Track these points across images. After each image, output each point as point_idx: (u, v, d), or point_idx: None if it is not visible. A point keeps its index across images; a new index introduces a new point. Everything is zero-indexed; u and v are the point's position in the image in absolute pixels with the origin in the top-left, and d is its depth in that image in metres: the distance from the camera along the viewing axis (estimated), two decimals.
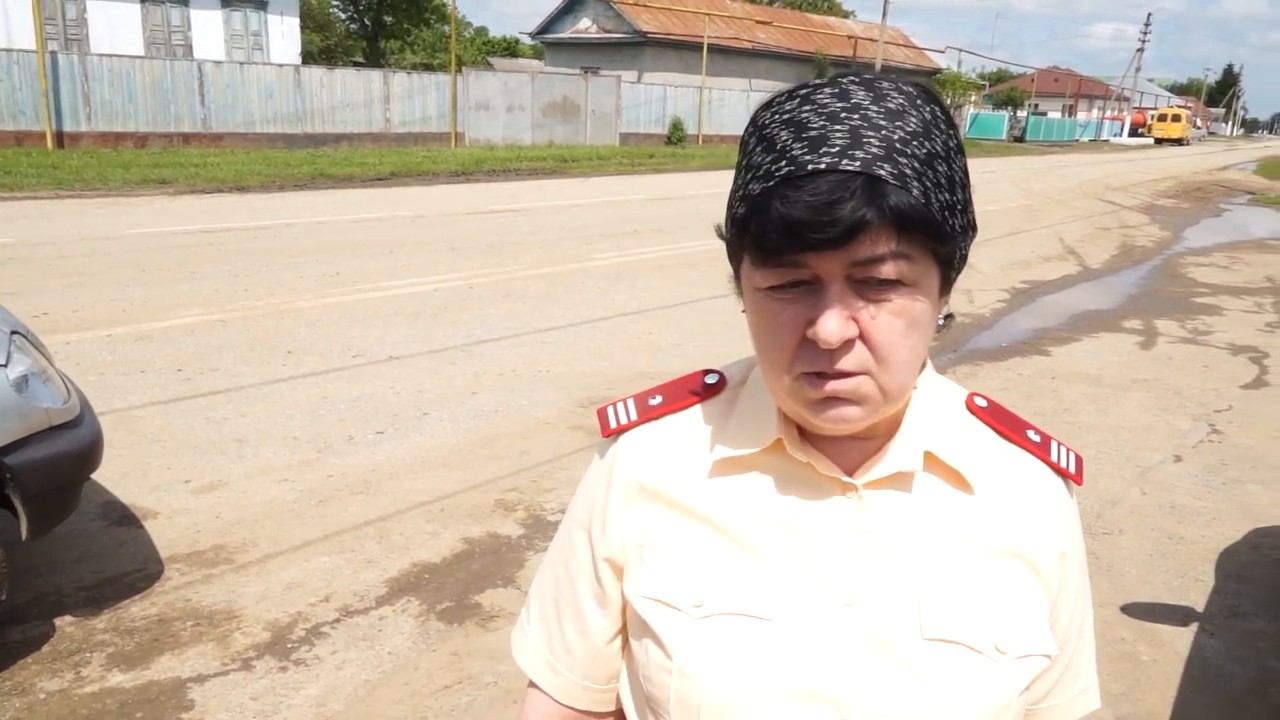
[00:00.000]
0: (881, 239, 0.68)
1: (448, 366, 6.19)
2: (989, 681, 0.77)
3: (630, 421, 0.88)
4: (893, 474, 0.79)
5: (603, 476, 0.89)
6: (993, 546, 0.81)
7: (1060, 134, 61.66)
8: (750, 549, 0.80)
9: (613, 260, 10.32)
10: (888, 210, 0.66)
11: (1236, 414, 6.01)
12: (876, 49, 39.50)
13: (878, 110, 0.69)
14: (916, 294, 0.71)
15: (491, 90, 27.16)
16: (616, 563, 0.86)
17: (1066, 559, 0.84)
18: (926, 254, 0.70)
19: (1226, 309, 9.50)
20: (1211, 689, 3.09)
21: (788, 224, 0.67)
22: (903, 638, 0.77)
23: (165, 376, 5.70)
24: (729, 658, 0.77)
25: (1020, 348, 7.49)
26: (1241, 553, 4.07)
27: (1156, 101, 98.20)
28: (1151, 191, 24.28)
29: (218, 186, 15.37)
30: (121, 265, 8.73)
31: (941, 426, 0.82)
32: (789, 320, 0.72)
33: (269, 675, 2.93)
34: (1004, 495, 0.83)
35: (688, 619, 0.79)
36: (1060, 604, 0.85)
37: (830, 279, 0.70)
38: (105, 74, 19.67)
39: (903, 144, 0.68)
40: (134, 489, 4.19)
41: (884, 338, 0.71)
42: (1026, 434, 0.86)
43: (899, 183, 0.67)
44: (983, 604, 0.79)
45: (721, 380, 0.89)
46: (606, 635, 0.89)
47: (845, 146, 0.67)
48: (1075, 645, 0.88)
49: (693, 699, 0.78)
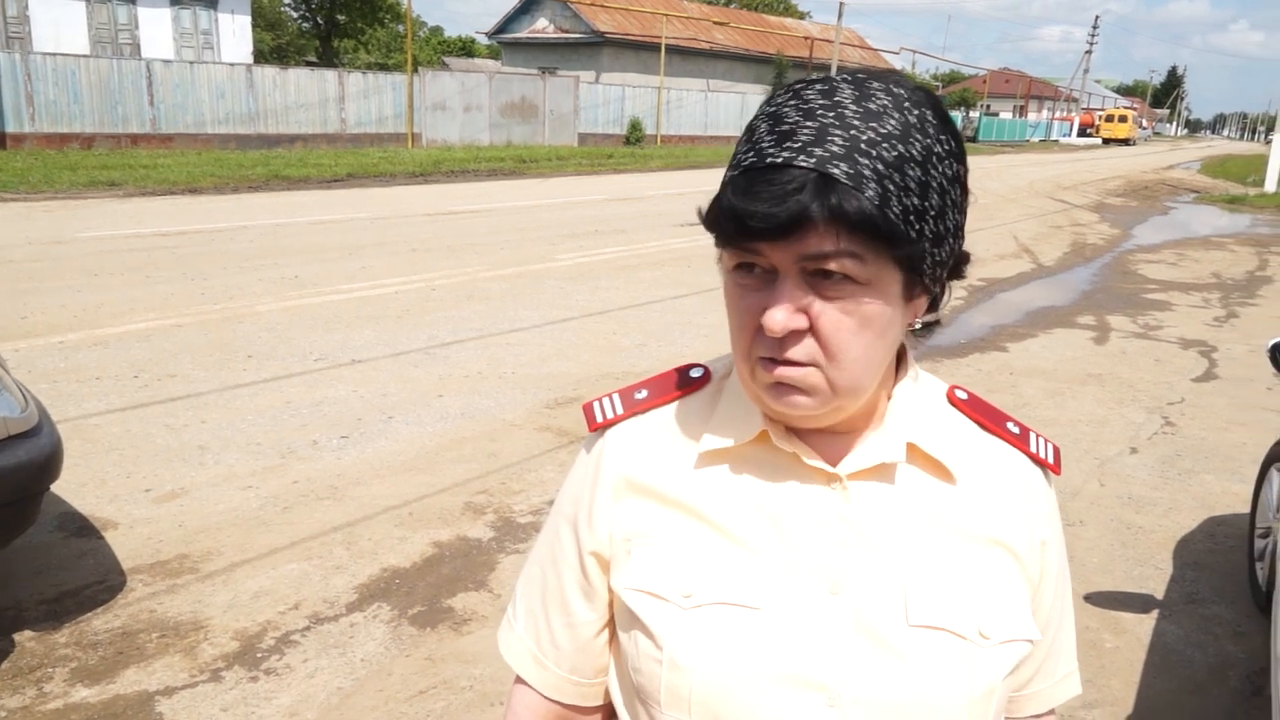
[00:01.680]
0: (828, 236, 0.69)
1: (412, 369, 6.14)
2: (974, 666, 0.79)
3: (616, 416, 0.89)
4: (876, 465, 0.81)
5: (589, 471, 0.89)
6: (975, 535, 0.83)
7: (1012, 134, 62.72)
8: (737, 539, 0.81)
9: (575, 261, 10.30)
10: (828, 208, 0.68)
11: (1188, 406, 6.17)
12: (832, 50, 39.84)
13: (856, 110, 0.70)
14: (869, 294, 0.72)
15: (448, 90, 26.98)
16: (603, 556, 0.87)
17: (1047, 547, 0.87)
18: (882, 256, 0.71)
19: (1176, 304, 9.73)
20: (1173, 674, 3.17)
21: (735, 212, 0.70)
22: (889, 625, 0.78)
23: (121, 383, 5.58)
24: (718, 647, 0.78)
25: (979, 344, 7.61)
26: (1198, 541, 4.18)
27: (1104, 102, 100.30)
28: (1101, 190, 24.79)
29: (170, 188, 15.09)
30: (72, 270, 8.54)
31: (924, 419, 0.84)
32: (749, 305, 0.74)
33: (239, 685, 2.89)
34: (985, 485, 0.84)
35: (677, 609, 0.80)
36: (1042, 592, 0.87)
37: (784, 270, 0.72)
38: (49, 73, 19.23)
39: (870, 145, 0.69)
40: (92, 499, 4.10)
41: (832, 333, 0.73)
42: (1006, 425, 0.88)
43: (852, 183, 0.68)
44: (966, 591, 0.80)
45: (706, 374, 0.90)
46: (593, 629, 0.90)
47: (807, 143, 0.69)
48: (1056, 632, 0.91)
49: (683, 689, 0.79)
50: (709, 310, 8.18)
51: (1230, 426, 5.77)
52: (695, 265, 10.37)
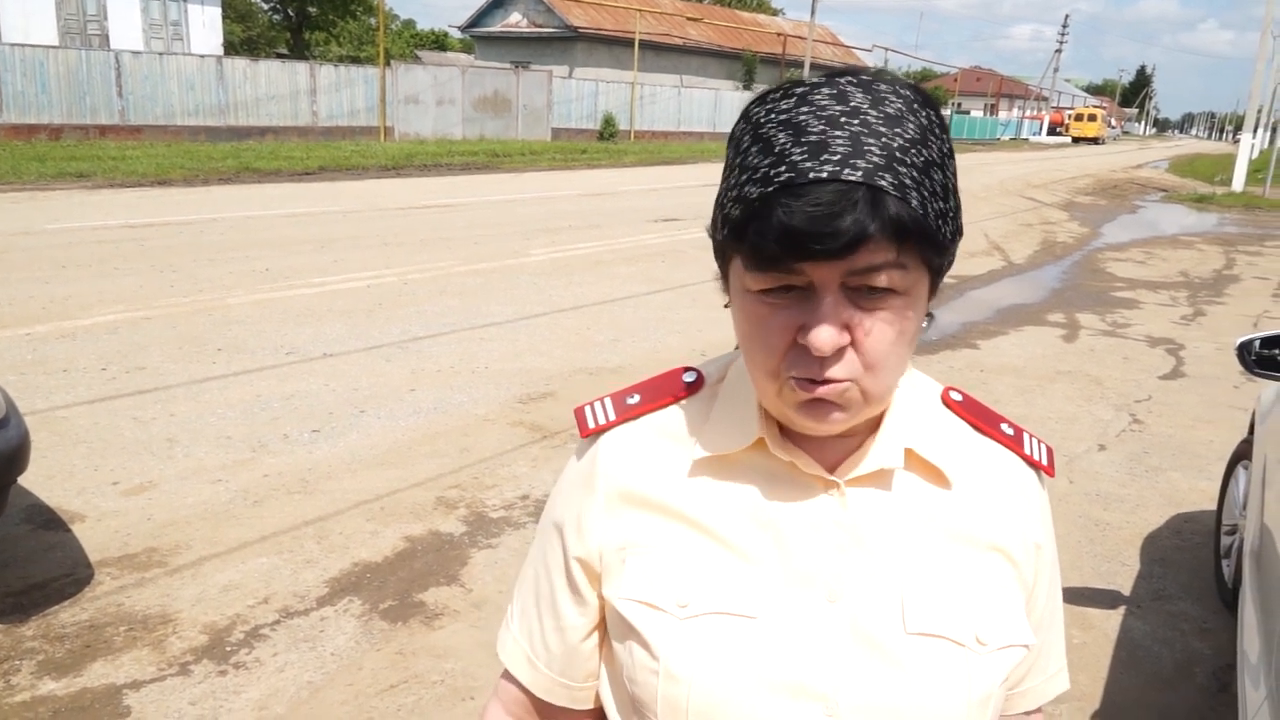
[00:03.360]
0: (881, 250, 0.67)
1: (384, 363, 6.10)
2: (972, 673, 0.79)
3: (609, 422, 0.87)
4: (874, 471, 0.80)
5: (582, 478, 0.88)
6: (972, 540, 0.82)
7: (982, 132, 63.32)
8: (734, 548, 0.80)
9: (549, 256, 10.27)
10: (889, 222, 0.66)
11: (1156, 404, 6.25)
12: (805, 47, 39.99)
13: (877, 115, 0.68)
14: (909, 303, 0.72)
15: (421, 84, 26.80)
16: (591, 565, 0.86)
17: (1041, 550, 0.86)
18: (920, 263, 0.71)
19: (1144, 302, 9.86)
20: (1140, 669, 3.21)
21: (789, 233, 0.66)
22: (887, 632, 0.78)
23: (90, 375, 5.50)
24: (715, 657, 0.78)
25: (950, 341, 7.67)
26: (1164, 537, 4.24)
27: (1074, 101, 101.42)
28: (1070, 189, 25.06)
29: (139, 180, 14.88)
30: (40, 261, 8.40)
31: (920, 423, 0.84)
32: (780, 325, 0.72)
33: (208, 679, 2.86)
34: (981, 489, 0.84)
35: (673, 620, 0.79)
36: (1036, 594, 0.87)
37: (825, 287, 0.69)
38: (17, 64, 18.92)
39: (902, 152, 0.67)
40: (60, 491, 4.04)
41: (875, 346, 0.71)
42: (1000, 427, 0.88)
43: (899, 193, 0.66)
44: (963, 597, 0.80)
45: (700, 378, 0.88)
46: (581, 633, 0.89)
47: (847, 155, 0.66)
48: (1048, 631, 0.91)
49: (680, 700, 0.78)
50: (682, 306, 8.19)
51: (1197, 424, 5.85)
52: (669, 261, 10.38)
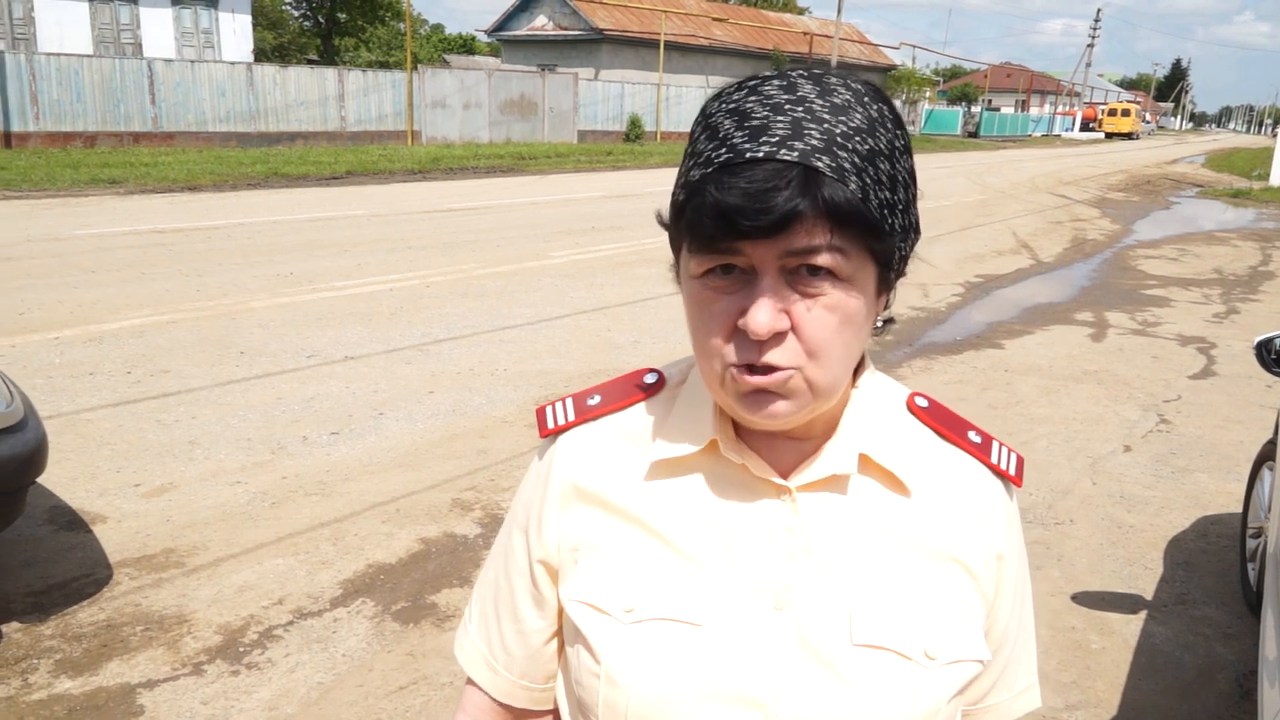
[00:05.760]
0: (817, 230, 0.67)
1: (404, 366, 6.13)
2: (917, 688, 0.77)
3: (568, 422, 0.87)
4: (827, 476, 0.79)
5: (540, 478, 0.88)
6: (927, 549, 0.81)
7: (1013, 129, 62.58)
8: (683, 552, 0.80)
9: (571, 258, 10.29)
10: (821, 202, 0.66)
11: (1185, 404, 6.14)
12: (832, 45, 39.79)
13: (823, 104, 0.69)
14: (851, 289, 0.71)
15: (448, 88, 26.96)
16: (551, 565, 0.86)
17: (1004, 562, 0.84)
18: (862, 250, 0.70)
19: (1175, 300, 9.69)
20: (1160, 676, 3.14)
21: (721, 210, 0.67)
22: (832, 643, 0.77)
23: (115, 379, 5.58)
24: (656, 664, 0.77)
25: (974, 341, 7.59)
26: (1190, 540, 4.16)
27: (1107, 96, 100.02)
28: (1102, 185, 24.73)
29: (169, 186, 15.09)
30: (70, 266, 8.54)
31: (879, 428, 0.82)
32: (722, 310, 0.72)
33: (220, 679, 2.89)
34: (941, 498, 0.82)
35: (617, 624, 0.79)
36: (998, 607, 0.85)
37: (764, 268, 0.69)
38: (53, 73, 19.26)
39: (844, 138, 0.68)
40: (83, 493, 4.10)
41: (816, 332, 0.71)
42: (967, 435, 0.86)
43: (836, 176, 0.67)
44: (914, 609, 0.79)
45: (660, 379, 0.88)
46: (543, 636, 0.89)
47: (785, 137, 0.67)
48: (1014, 645, 0.89)
49: (620, 705, 0.78)
50: None
51: (1227, 424, 5.75)
52: None
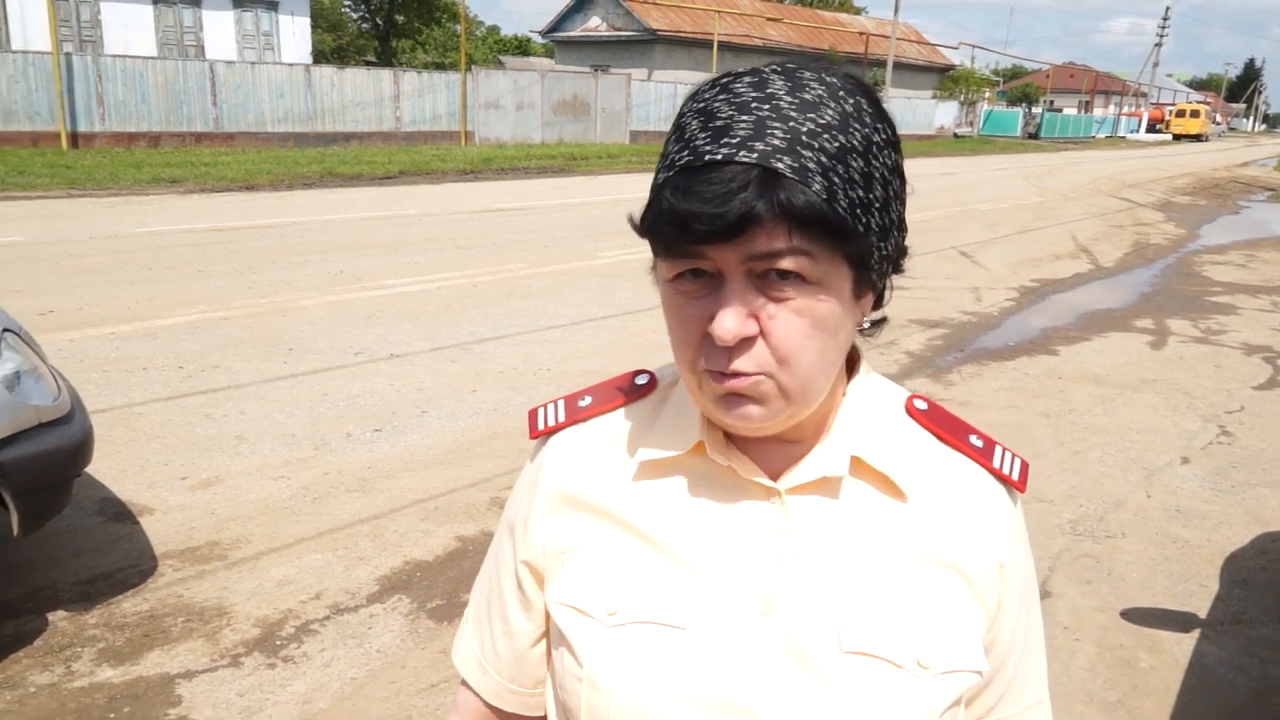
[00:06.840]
0: (777, 234, 0.65)
1: (448, 364, 6.18)
2: (908, 697, 0.74)
3: (558, 423, 0.87)
4: (818, 479, 0.77)
5: (530, 480, 0.87)
6: (923, 555, 0.77)
7: (1076, 130, 61.21)
8: (670, 555, 0.78)
9: (620, 258, 10.28)
10: (778, 205, 0.64)
11: (1248, 415, 5.93)
12: (889, 45, 39.33)
13: (791, 101, 0.67)
14: (821, 293, 0.69)
15: (501, 89, 27.18)
16: (536, 567, 0.85)
17: (1006, 570, 0.81)
18: (831, 252, 0.68)
19: (1242, 308, 9.38)
20: (1211, 698, 3.03)
21: (676, 215, 0.66)
22: (820, 649, 0.74)
23: (167, 374, 5.70)
24: (639, 668, 0.75)
25: (1028, 347, 7.42)
26: (1248, 558, 4.00)
27: (1175, 97, 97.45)
28: (1168, 188, 24.08)
29: (227, 185, 15.43)
30: (128, 264, 8.76)
31: (874, 431, 0.79)
32: (692, 315, 0.70)
33: (257, 672, 2.92)
34: (939, 503, 0.79)
35: (600, 627, 0.77)
36: (1001, 617, 0.81)
37: (729, 273, 0.68)
38: (119, 75, 19.80)
39: (811, 136, 0.65)
40: (131, 485, 4.19)
41: (785, 337, 0.69)
42: (969, 439, 0.83)
43: (797, 176, 0.64)
44: (907, 616, 0.75)
45: (652, 381, 0.87)
46: (529, 638, 0.88)
47: (746, 138, 0.65)
48: (1021, 657, 0.85)
49: (601, 709, 0.76)
50: None
51: None
52: None
